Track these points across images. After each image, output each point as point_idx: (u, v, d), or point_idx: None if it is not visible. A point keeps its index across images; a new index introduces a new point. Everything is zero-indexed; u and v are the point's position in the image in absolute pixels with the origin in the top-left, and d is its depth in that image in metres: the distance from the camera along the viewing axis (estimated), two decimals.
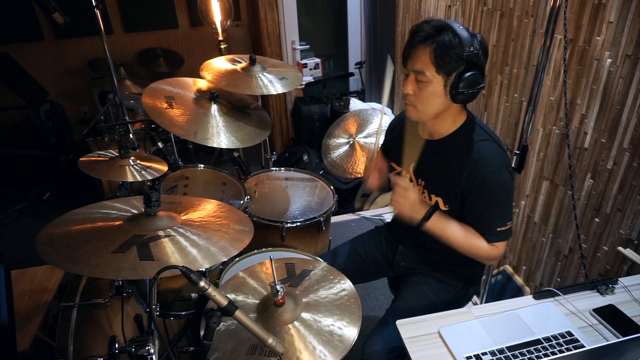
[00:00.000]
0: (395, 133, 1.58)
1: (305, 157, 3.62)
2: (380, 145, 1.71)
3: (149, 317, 1.23)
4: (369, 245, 1.72)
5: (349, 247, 1.74)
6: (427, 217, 1.35)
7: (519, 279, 2.25)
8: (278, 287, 1.16)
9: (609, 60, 1.58)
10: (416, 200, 1.36)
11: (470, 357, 1.09)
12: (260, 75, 2.17)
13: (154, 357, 1.12)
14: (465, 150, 1.32)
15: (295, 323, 1.18)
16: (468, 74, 1.20)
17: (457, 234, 1.36)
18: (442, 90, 1.25)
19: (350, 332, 1.16)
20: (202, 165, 2.19)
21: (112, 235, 1.12)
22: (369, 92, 4.18)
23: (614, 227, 1.66)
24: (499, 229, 1.33)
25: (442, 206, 1.40)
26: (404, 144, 1.51)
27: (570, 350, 1.09)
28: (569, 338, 1.12)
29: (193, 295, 1.51)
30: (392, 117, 2.63)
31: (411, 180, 1.49)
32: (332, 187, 2.25)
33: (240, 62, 2.25)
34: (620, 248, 1.58)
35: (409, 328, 1.20)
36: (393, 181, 1.37)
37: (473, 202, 1.34)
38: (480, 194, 1.31)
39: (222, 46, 3.10)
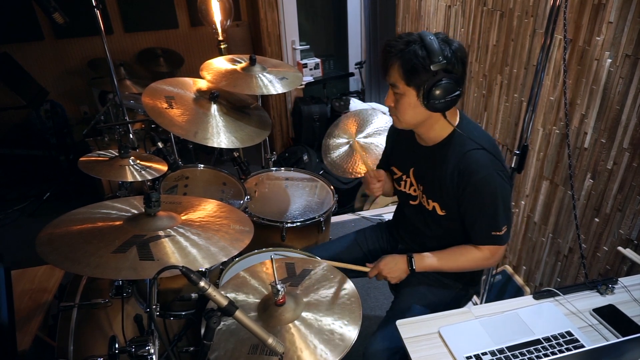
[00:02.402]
0: (395, 137, 1.59)
1: (305, 157, 3.62)
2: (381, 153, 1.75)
3: (149, 317, 1.23)
4: (370, 239, 1.73)
5: (349, 239, 1.75)
6: (412, 267, 1.45)
7: (519, 279, 2.25)
8: (279, 286, 1.16)
9: (609, 60, 1.58)
10: (394, 264, 1.47)
11: (470, 357, 1.09)
12: (260, 75, 2.17)
13: (154, 357, 1.12)
14: (454, 160, 1.34)
15: (296, 322, 1.18)
16: (438, 83, 1.22)
17: (446, 261, 1.45)
18: (416, 101, 1.28)
19: (351, 330, 1.16)
20: (202, 165, 2.19)
21: (112, 235, 1.12)
22: (369, 92, 4.18)
23: (614, 227, 1.66)
24: (493, 233, 1.34)
25: (439, 211, 1.42)
26: (403, 149, 1.52)
27: (570, 350, 1.09)
28: (569, 338, 1.12)
29: (193, 295, 1.51)
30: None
31: (412, 185, 1.50)
32: (332, 187, 2.25)
33: (240, 62, 2.25)
34: (620, 248, 1.59)
35: (409, 328, 1.20)
36: (372, 274, 1.50)
37: (466, 209, 1.36)
38: (471, 201, 1.33)
39: (222, 46, 3.10)
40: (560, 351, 1.09)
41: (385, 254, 1.68)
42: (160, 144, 2.08)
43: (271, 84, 2.15)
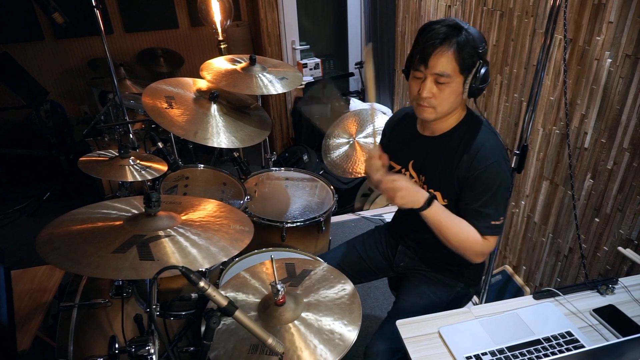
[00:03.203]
0: (393, 132, 1.59)
1: (305, 157, 3.62)
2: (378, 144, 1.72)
3: (149, 317, 1.23)
4: (368, 245, 1.72)
5: (348, 247, 1.75)
6: (429, 202, 1.29)
7: (519, 279, 2.25)
8: (279, 286, 1.16)
9: (609, 60, 1.58)
10: (415, 190, 1.31)
11: (470, 357, 1.09)
12: (260, 75, 2.17)
13: (154, 357, 1.12)
14: (467, 142, 1.34)
15: (296, 322, 1.18)
16: (484, 69, 1.25)
17: (454, 222, 1.33)
18: (461, 89, 1.28)
19: (351, 330, 1.16)
20: (202, 165, 2.19)
21: (112, 235, 1.12)
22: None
23: (614, 227, 1.66)
24: (492, 223, 1.32)
25: (440, 200, 1.41)
26: (402, 142, 1.52)
27: (570, 350, 1.09)
28: (569, 338, 1.12)
29: (193, 295, 1.51)
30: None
31: (411, 177, 1.49)
32: (332, 187, 2.25)
33: (240, 62, 2.25)
34: (620, 248, 1.58)
35: (409, 328, 1.20)
36: (377, 181, 1.33)
37: (471, 192, 1.32)
38: (479, 184, 1.31)
39: (222, 46, 3.10)
40: (560, 351, 1.09)
41: (384, 257, 1.68)
42: (160, 144, 2.08)
43: (271, 84, 2.15)
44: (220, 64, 2.25)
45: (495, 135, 1.35)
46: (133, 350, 1.11)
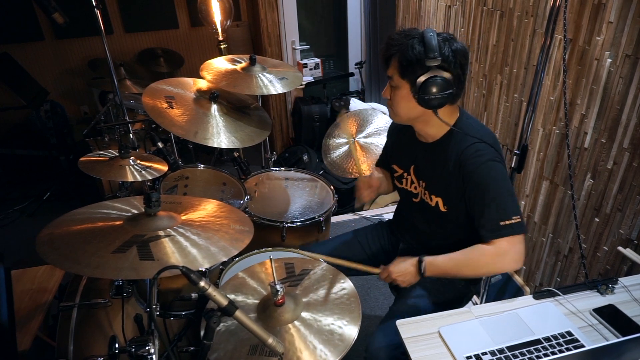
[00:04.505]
0: (396, 135, 1.60)
1: (305, 157, 3.62)
2: (381, 150, 1.74)
3: (149, 317, 1.22)
4: (371, 238, 1.73)
5: (351, 237, 1.75)
6: (422, 270, 1.38)
7: (519, 279, 2.25)
8: (278, 287, 1.16)
9: (609, 60, 1.58)
10: (405, 268, 1.40)
11: (470, 357, 1.09)
12: (260, 75, 2.17)
13: (154, 357, 1.12)
14: (455, 156, 1.34)
15: (296, 323, 1.18)
16: (430, 79, 1.24)
17: (460, 264, 1.36)
18: (409, 95, 1.30)
19: (351, 330, 1.16)
20: (202, 165, 2.19)
21: (112, 235, 1.12)
22: (369, 92, 4.18)
23: (614, 227, 1.66)
24: (502, 224, 1.27)
25: (441, 207, 1.41)
26: (404, 147, 1.52)
27: (570, 350, 1.09)
28: (569, 338, 1.12)
29: (193, 295, 1.51)
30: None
31: (412, 182, 1.50)
32: (332, 187, 2.25)
33: (240, 62, 2.25)
34: (620, 248, 1.58)
35: (409, 328, 1.20)
36: (383, 276, 1.44)
37: (472, 200, 1.33)
38: (475, 191, 1.31)
39: (222, 46, 3.10)
40: (560, 351, 1.09)
41: (386, 253, 1.69)
42: (160, 144, 2.08)
43: (271, 84, 2.15)
44: (220, 64, 2.25)
45: (484, 142, 1.32)
46: (133, 350, 1.11)
